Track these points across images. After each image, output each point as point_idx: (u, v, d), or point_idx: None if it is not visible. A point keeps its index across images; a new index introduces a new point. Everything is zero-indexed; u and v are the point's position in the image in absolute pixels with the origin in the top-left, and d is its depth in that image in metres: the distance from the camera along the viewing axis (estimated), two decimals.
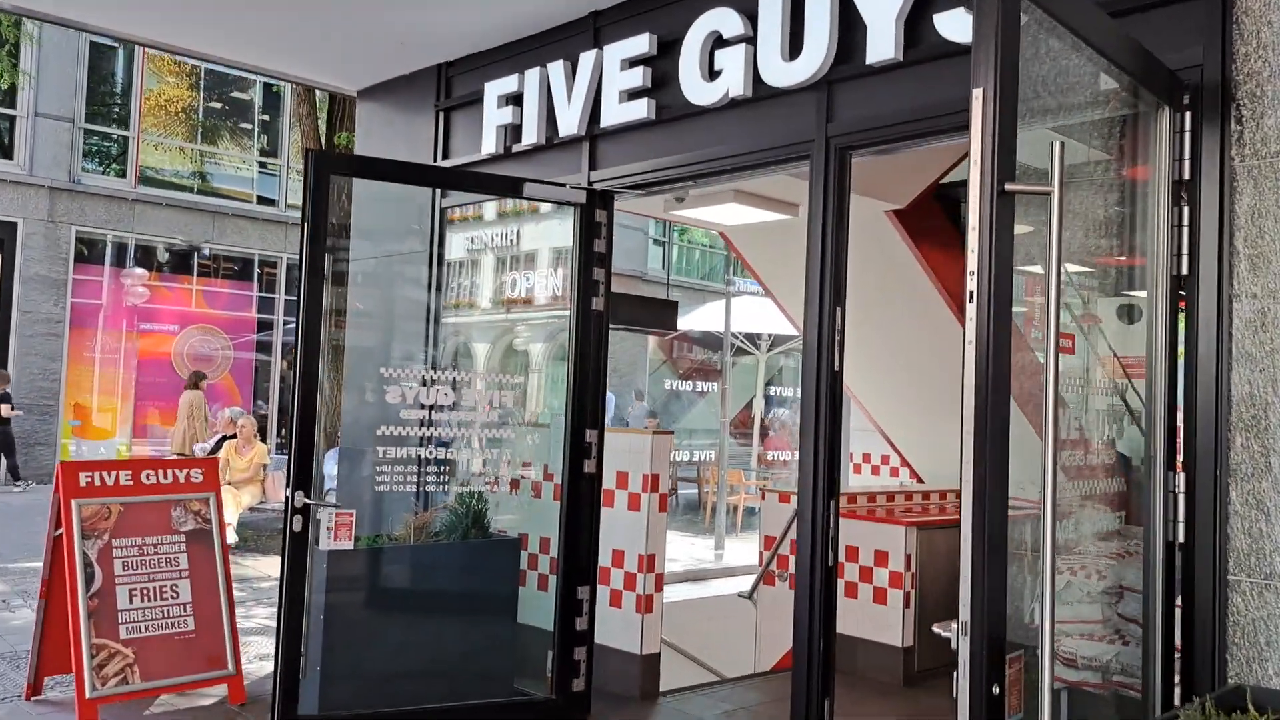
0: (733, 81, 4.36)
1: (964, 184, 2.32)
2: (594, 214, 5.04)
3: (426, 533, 5.11)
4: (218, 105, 20.26)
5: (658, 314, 8.11)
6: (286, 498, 4.46)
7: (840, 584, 6.16)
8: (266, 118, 20.67)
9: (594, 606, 5.13)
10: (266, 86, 20.44)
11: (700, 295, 22.95)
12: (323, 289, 4.47)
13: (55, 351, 17.01)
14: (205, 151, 19.50)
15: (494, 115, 5.49)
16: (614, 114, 4.87)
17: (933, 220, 6.88)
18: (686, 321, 13.32)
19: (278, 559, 5.68)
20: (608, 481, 5.65)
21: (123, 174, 18.29)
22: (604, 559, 5.65)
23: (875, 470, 9.58)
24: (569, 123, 5.09)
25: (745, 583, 9.39)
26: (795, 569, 4.08)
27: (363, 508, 5.20)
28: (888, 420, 8.62)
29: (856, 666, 5.98)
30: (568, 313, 5.14)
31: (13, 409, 15.17)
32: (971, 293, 2.21)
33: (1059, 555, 5.11)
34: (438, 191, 5.91)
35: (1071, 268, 3.17)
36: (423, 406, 4.99)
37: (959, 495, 6.93)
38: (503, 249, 6.31)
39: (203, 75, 19.81)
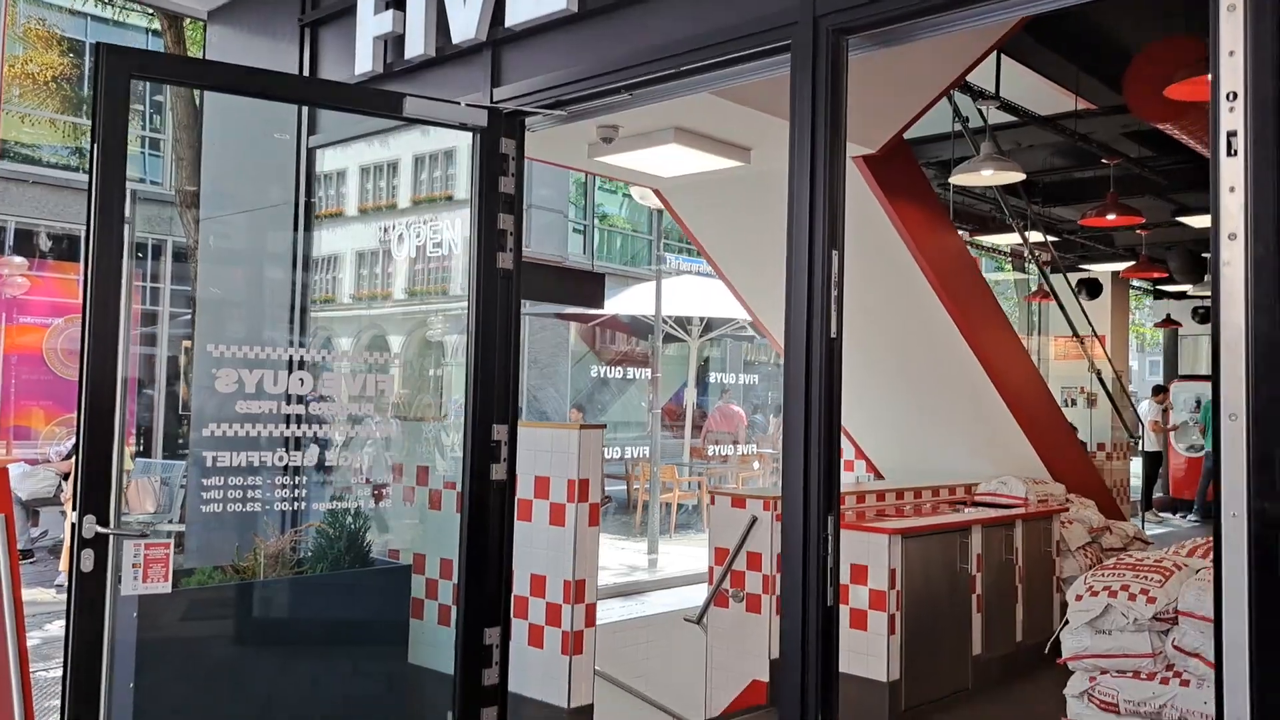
0: None
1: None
2: (498, 143, 3.87)
3: (284, 563, 3.89)
4: None
5: (581, 289, 6.94)
6: (72, 525, 3.22)
7: None
8: (161, 98, 19.01)
9: (506, 653, 3.97)
10: None
11: (623, 280, 21.78)
12: (120, 235, 3.24)
13: None
14: (80, 126, 17.74)
15: (370, 24, 4.27)
16: (524, 8, 3.71)
17: (907, 170, 5.84)
18: (613, 305, 12.17)
19: None
20: (524, 489, 4.52)
21: None
22: (520, 586, 4.51)
23: None
24: (465, 25, 3.91)
25: (686, 596, 8.32)
26: (783, 610, 2.98)
27: (200, 533, 3.97)
28: (844, 405, 7.61)
29: None
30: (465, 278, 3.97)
31: None
32: (1232, 136, 1.10)
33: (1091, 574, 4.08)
34: (303, 126, 4.69)
35: None
36: (288, 397, 3.78)
37: (938, 494, 5.49)
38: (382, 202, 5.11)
39: (87, 50, 18.18)
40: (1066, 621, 3.99)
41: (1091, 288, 11.03)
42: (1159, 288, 13.61)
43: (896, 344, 6.34)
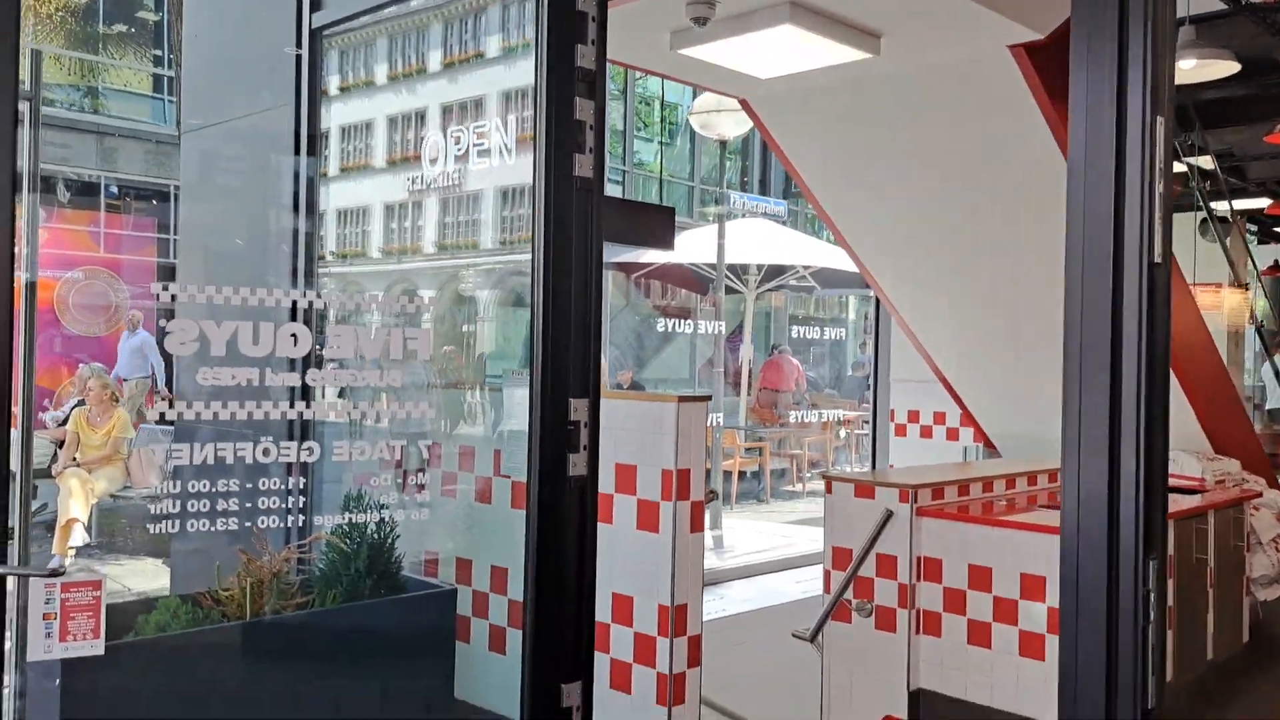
0: None
1: None
2: None
3: (279, 593, 2.80)
4: (124, 28, 17.63)
5: (649, 225, 5.76)
6: None
7: (962, 624, 3.99)
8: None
9: (589, 713, 2.89)
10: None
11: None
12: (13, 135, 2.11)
13: None
14: (88, 63, 16.68)
15: None
16: None
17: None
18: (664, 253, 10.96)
19: (148, 562, 4.02)
20: (603, 482, 3.40)
21: None
22: (599, 610, 3.41)
23: (926, 432, 7.40)
24: None
25: (768, 587, 7.24)
26: (1062, 707, 1.85)
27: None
28: (957, 363, 6.43)
29: None
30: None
31: None
32: None
33: None
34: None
35: None
36: (280, 361, 2.67)
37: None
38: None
39: None
40: None
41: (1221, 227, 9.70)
42: (1275, 229, 12.21)
43: (1032, 289, 5.13)
